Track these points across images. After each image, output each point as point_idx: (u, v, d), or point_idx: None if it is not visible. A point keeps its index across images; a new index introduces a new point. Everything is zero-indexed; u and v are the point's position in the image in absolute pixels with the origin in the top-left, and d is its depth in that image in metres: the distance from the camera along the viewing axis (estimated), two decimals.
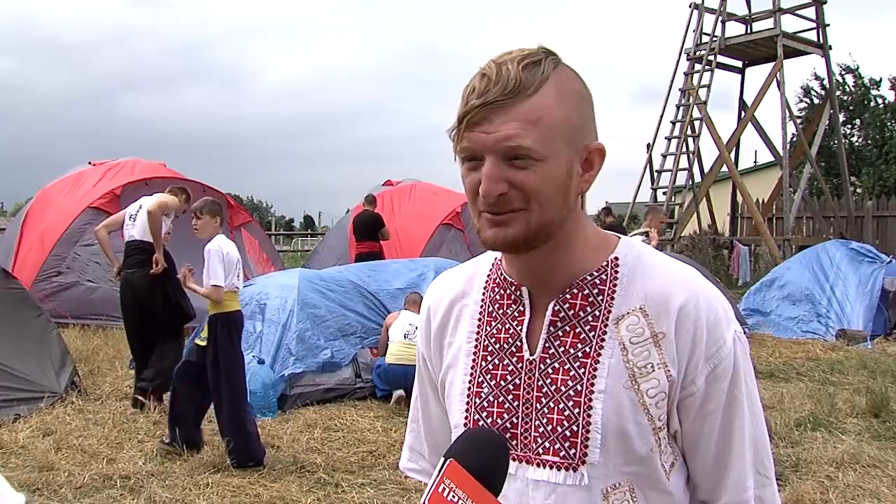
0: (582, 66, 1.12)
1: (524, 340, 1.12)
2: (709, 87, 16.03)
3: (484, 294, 1.18)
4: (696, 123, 15.86)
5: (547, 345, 1.11)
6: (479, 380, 1.15)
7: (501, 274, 1.17)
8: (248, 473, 4.41)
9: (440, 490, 0.93)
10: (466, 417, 1.15)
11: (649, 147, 16.22)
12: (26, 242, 10.14)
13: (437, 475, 0.94)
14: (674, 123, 16.00)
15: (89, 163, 11.39)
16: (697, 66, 16.11)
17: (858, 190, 21.65)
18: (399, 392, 5.96)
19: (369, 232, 10.84)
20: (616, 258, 1.12)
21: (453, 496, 0.93)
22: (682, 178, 16.14)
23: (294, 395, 5.91)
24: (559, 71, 1.05)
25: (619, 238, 1.16)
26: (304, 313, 6.31)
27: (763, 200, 18.12)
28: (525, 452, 1.10)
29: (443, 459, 0.96)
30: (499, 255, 1.18)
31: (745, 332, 1.21)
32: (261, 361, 5.86)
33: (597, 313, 1.10)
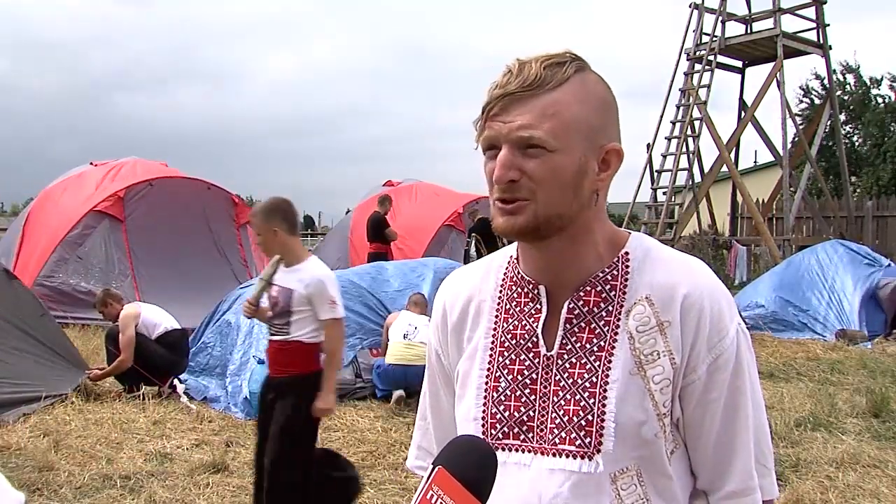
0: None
1: (540, 337, 1.16)
2: (709, 87, 16.03)
3: (501, 291, 1.22)
4: (696, 123, 15.85)
5: (564, 341, 1.14)
6: (497, 374, 1.18)
7: (518, 272, 1.20)
8: (248, 473, 4.41)
9: (428, 497, 0.94)
10: (484, 411, 1.18)
11: (649, 147, 16.22)
12: (28, 243, 10.14)
13: (426, 482, 0.95)
14: (674, 123, 15.99)
15: (91, 163, 11.39)
16: (697, 66, 16.10)
17: (858, 190, 21.65)
18: (399, 392, 5.96)
19: (374, 233, 10.92)
20: (626, 253, 1.16)
21: (441, 503, 0.93)
22: (682, 178, 16.15)
23: None
24: (582, 74, 1.10)
25: (630, 234, 1.20)
26: None
27: (763, 200, 18.11)
28: (540, 444, 1.13)
29: (431, 466, 0.97)
30: (514, 253, 1.22)
31: None
32: (261, 361, 5.86)
33: (610, 308, 1.14)
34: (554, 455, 1.12)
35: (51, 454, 4.61)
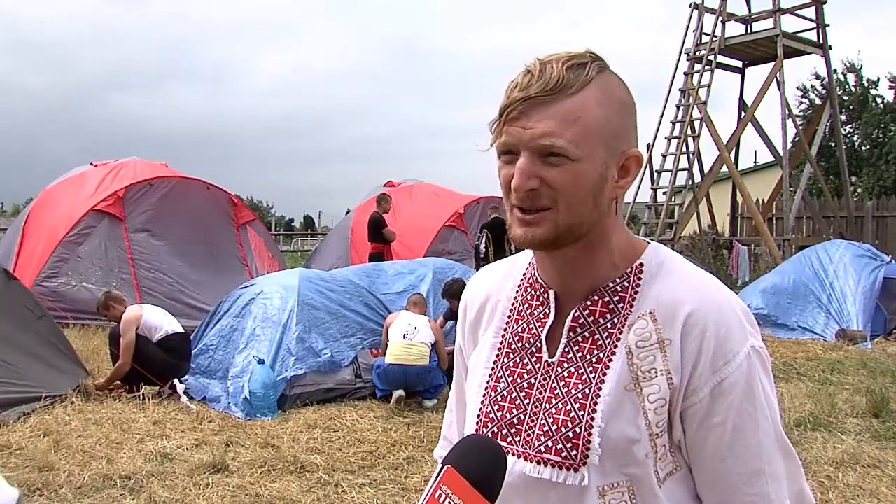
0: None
1: (543, 342, 1.14)
2: (709, 87, 16.03)
3: (517, 292, 1.21)
4: (696, 123, 15.86)
5: (566, 349, 1.12)
6: (499, 374, 1.17)
7: (535, 274, 1.19)
8: (248, 473, 4.41)
9: (437, 496, 0.94)
10: (481, 409, 1.18)
11: (649, 147, 16.22)
12: (28, 243, 10.15)
13: (434, 481, 0.95)
14: (674, 123, 15.99)
15: (91, 163, 11.40)
16: (697, 66, 16.11)
17: (858, 190, 21.66)
18: (399, 392, 5.96)
19: (373, 232, 10.97)
20: (641, 264, 1.12)
21: (449, 502, 0.94)
22: (682, 178, 16.15)
23: (294, 395, 5.91)
24: (604, 76, 1.06)
25: (649, 244, 1.16)
26: (305, 314, 6.31)
27: (763, 200, 18.11)
28: (525, 449, 1.11)
29: (440, 466, 0.97)
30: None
31: None
32: (261, 362, 5.86)
33: (615, 320, 1.10)
34: (538, 463, 1.09)
35: (51, 454, 4.61)
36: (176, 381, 6.16)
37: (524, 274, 1.21)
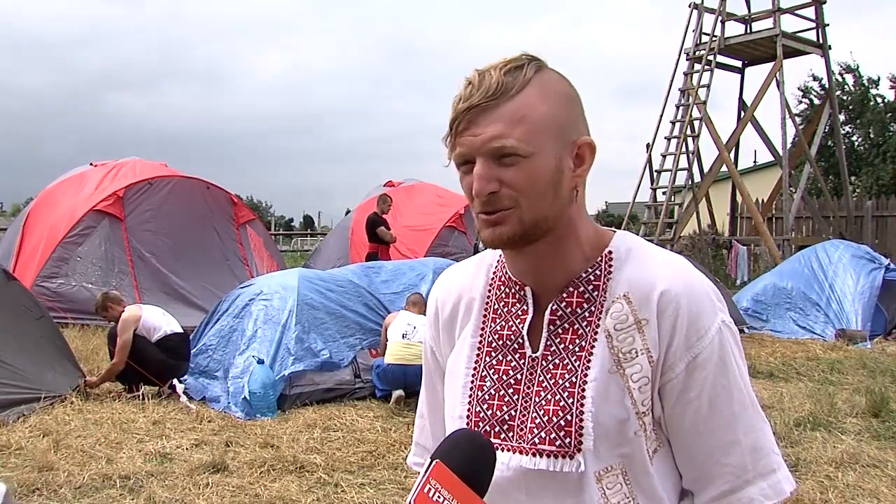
0: (564, 63, 1.14)
1: (525, 338, 1.16)
2: (708, 86, 16.05)
3: (490, 290, 1.22)
4: (696, 123, 15.87)
5: (548, 342, 1.15)
6: (483, 374, 1.19)
7: (506, 272, 1.20)
8: (247, 473, 4.41)
9: (426, 490, 0.95)
10: (469, 409, 1.19)
11: (649, 147, 16.24)
12: (28, 243, 10.15)
13: (423, 476, 0.96)
14: (673, 123, 16.01)
15: (91, 164, 11.40)
16: (697, 66, 16.12)
17: (857, 190, 21.68)
18: (398, 392, 5.96)
19: (369, 232, 10.98)
20: (610, 252, 1.16)
21: (439, 497, 0.94)
22: (681, 178, 16.17)
23: (294, 395, 5.91)
24: (542, 73, 1.10)
25: (615, 232, 1.19)
26: (304, 314, 6.31)
27: (763, 200, 18.13)
28: (520, 443, 1.13)
29: (429, 460, 0.98)
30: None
31: (743, 332, 1.19)
32: (260, 361, 5.86)
33: (592, 308, 1.13)
34: (534, 455, 1.12)
35: (50, 454, 4.61)
36: (175, 381, 6.17)
37: (495, 272, 1.23)
